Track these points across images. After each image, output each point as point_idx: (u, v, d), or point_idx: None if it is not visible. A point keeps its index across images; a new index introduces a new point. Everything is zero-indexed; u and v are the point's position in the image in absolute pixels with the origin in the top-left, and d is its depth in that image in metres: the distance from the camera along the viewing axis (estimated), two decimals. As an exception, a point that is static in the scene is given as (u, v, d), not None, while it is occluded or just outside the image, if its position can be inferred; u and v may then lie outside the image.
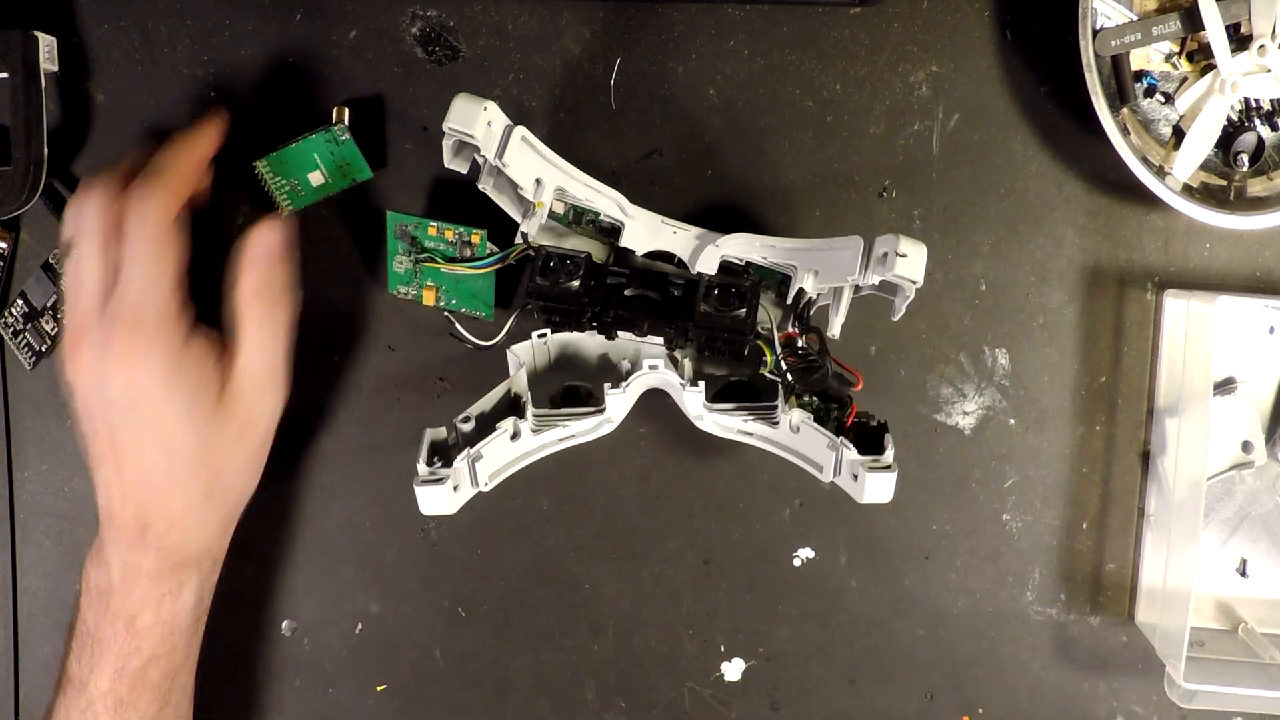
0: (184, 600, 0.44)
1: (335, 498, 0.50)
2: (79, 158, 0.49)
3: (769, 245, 0.44)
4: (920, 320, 0.48)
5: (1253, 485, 0.49)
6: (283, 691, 0.51)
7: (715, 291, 0.42)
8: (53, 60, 0.46)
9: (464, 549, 0.50)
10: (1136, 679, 0.50)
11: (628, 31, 0.47)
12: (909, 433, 0.49)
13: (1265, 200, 0.45)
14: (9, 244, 0.49)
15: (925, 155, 0.48)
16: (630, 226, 0.45)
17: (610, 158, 0.48)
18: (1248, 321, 0.49)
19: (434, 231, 0.46)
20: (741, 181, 0.48)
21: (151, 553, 0.42)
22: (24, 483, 0.51)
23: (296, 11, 0.47)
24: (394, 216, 0.46)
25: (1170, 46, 0.45)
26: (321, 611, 0.50)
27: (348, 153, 0.46)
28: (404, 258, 0.46)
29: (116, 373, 0.40)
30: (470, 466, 0.41)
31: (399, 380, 0.49)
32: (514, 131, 0.42)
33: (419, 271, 0.47)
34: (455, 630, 0.50)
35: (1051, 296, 0.48)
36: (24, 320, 0.49)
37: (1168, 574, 0.47)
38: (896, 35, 0.47)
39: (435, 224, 0.46)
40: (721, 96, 0.48)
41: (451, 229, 0.46)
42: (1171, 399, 0.48)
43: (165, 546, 0.43)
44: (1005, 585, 0.50)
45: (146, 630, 0.43)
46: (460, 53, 0.48)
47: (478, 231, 0.45)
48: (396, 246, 0.46)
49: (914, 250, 0.40)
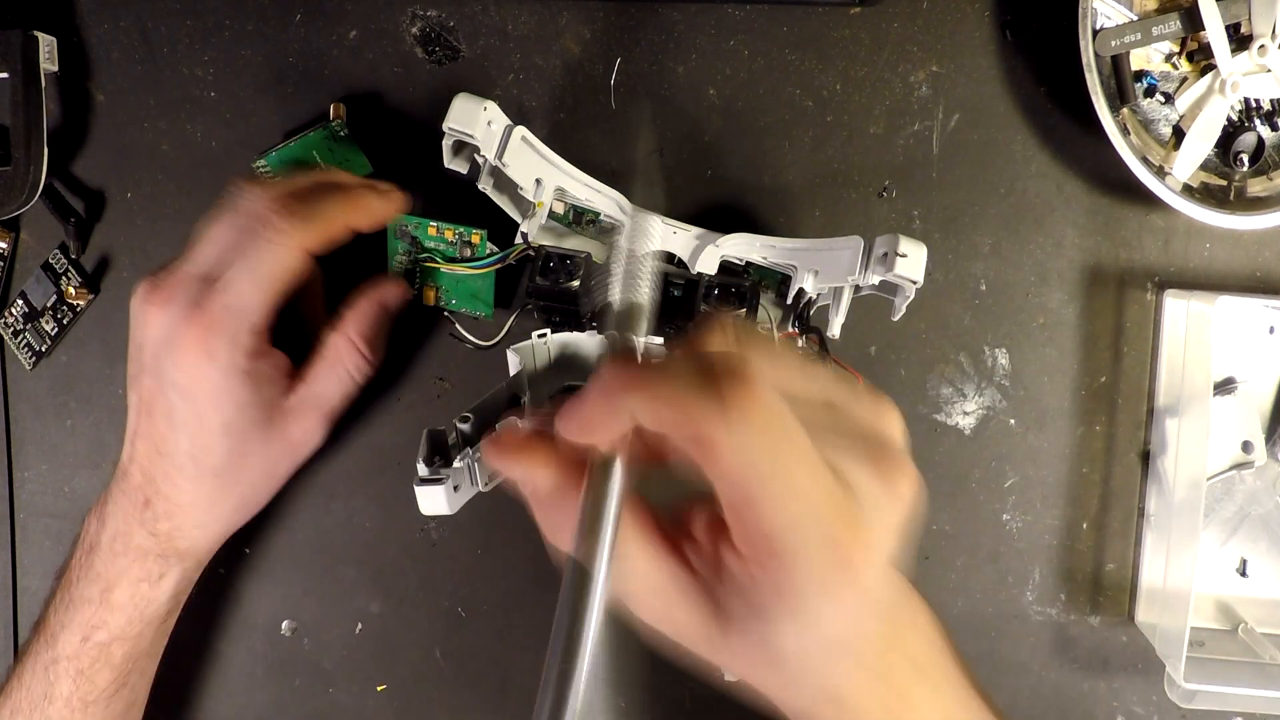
0: (161, 590, 0.44)
1: (335, 498, 0.50)
2: (79, 158, 0.49)
3: (769, 245, 0.44)
4: (920, 320, 0.48)
5: (1253, 485, 0.49)
6: (283, 691, 0.51)
7: (715, 291, 0.42)
8: (53, 60, 0.46)
9: (464, 549, 0.50)
10: (1136, 679, 0.50)
11: (628, 31, 0.47)
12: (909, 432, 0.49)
13: (1265, 200, 0.45)
14: (9, 244, 0.49)
15: (925, 155, 0.48)
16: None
17: (610, 158, 0.48)
18: (1248, 321, 0.49)
19: (434, 231, 0.46)
20: (741, 181, 0.48)
21: (144, 532, 0.42)
22: (24, 483, 0.51)
23: (296, 11, 0.47)
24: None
25: (1170, 46, 0.45)
26: (321, 611, 0.50)
27: (347, 148, 0.46)
28: (404, 257, 0.47)
29: (182, 352, 0.40)
30: (470, 466, 0.41)
31: (399, 380, 0.49)
32: (514, 131, 0.42)
33: (419, 271, 0.47)
34: (455, 630, 0.50)
35: (1051, 296, 0.48)
36: (24, 320, 0.49)
37: (1168, 574, 0.47)
38: (896, 35, 0.47)
39: (435, 224, 0.46)
40: (721, 96, 0.48)
41: (452, 229, 0.46)
42: (1171, 399, 0.48)
43: (158, 532, 0.43)
44: (1005, 585, 0.49)
45: (118, 607, 0.43)
46: (460, 53, 0.48)
47: (478, 231, 0.45)
48: (396, 246, 0.46)
49: (914, 250, 0.40)
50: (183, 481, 0.42)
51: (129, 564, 0.43)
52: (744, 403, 0.24)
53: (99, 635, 0.43)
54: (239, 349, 0.40)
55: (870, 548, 0.26)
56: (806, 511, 0.25)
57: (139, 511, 0.42)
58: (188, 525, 0.43)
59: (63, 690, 0.42)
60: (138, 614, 0.43)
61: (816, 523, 0.25)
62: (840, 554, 0.25)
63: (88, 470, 0.50)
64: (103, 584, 0.43)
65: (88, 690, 0.43)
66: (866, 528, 0.26)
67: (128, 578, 0.43)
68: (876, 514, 0.26)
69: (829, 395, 0.28)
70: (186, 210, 0.49)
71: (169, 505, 0.42)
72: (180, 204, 0.49)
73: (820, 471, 0.25)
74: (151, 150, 0.48)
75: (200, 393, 0.40)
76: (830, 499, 0.25)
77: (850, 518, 0.26)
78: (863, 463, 0.27)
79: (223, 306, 0.39)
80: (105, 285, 0.50)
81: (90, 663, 0.43)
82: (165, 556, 0.43)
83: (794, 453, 0.25)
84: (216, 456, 0.42)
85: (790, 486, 0.25)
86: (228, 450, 0.42)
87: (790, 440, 0.25)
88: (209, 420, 0.41)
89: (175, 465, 0.42)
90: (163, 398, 0.41)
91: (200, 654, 0.50)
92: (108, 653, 0.43)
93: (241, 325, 0.40)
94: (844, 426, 0.27)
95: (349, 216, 0.42)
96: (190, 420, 0.41)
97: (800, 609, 0.26)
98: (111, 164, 0.49)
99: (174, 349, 0.40)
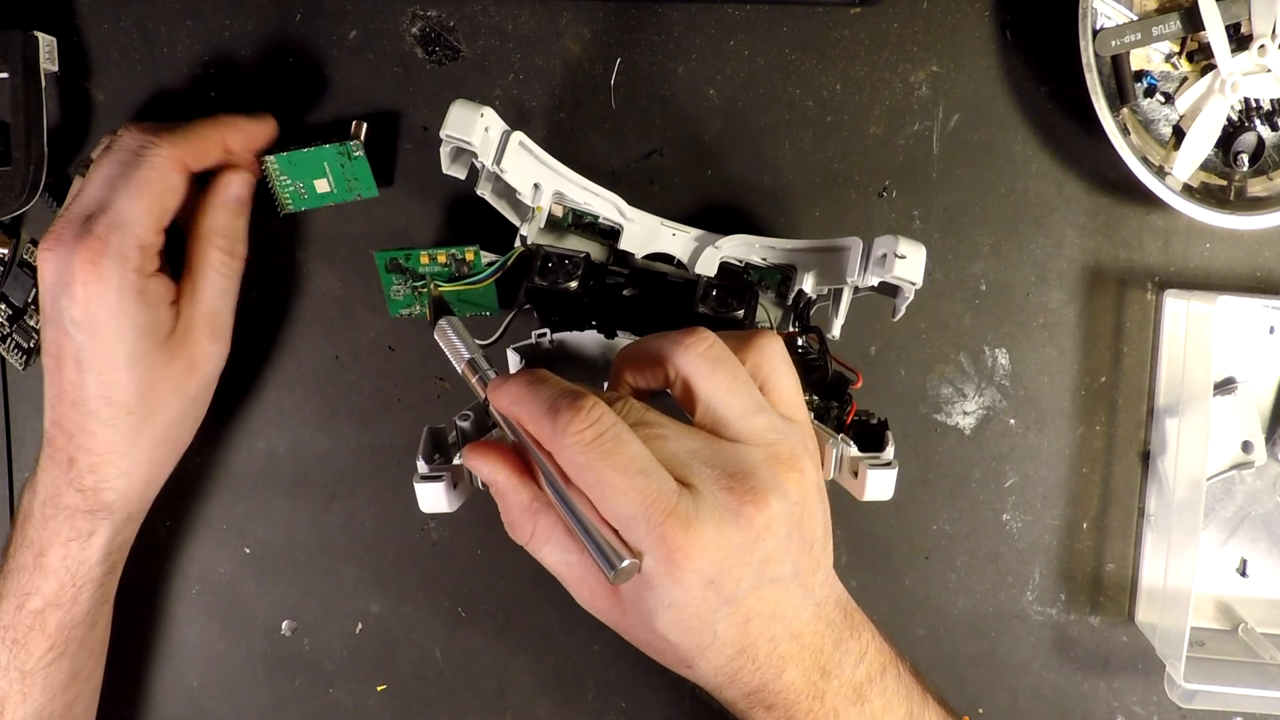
0: (92, 549, 0.44)
1: (335, 498, 0.50)
2: (79, 158, 0.49)
3: (768, 246, 0.44)
4: (920, 320, 0.48)
5: (1253, 485, 0.49)
6: (283, 691, 0.51)
7: (714, 293, 0.42)
8: (53, 60, 0.46)
9: (464, 549, 0.50)
10: (1136, 679, 0.50)
11: (628, 31, 0.47)
12: (909, 433, 0.49)
13: (1265, 200, 0.45)
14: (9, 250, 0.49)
15: (925, 155, 0.48)
16: (629, 229, 0.45)
17: (610, 158, 0.48)
18: (1248, 321, 0.49)
19: (426, 260, 0.46)
20: (741, 181, 0.48)
21: (71, 490, 0.43)
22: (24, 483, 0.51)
23: (296, 11, 0.47)
24: (381, 255, 0.47)
25: (1170, 46, 0.45)
26: (321, 611, 0.50)
27: (358, 169, 0.46)
28: (400, 286, 0.47)
29: (76, 283, 0.40)
30: (470, 465, 0.41)
31: (399, 380, 0.49)
32: (511, 137, 0.42)
33: (418, 293, 0.47)
34: (455, 630, 0.50)
35: (1051, 296, 0.48)
36: (9, 322, 0.49)
37: (1168, 574, 0.47)
38: (896, 35, 0.47)
39: (426, 252, 0.46)
40: (721, 96, 0.48)
41: (444, 253, 0.46)
42: (1171, 399, 0.48)
43: (85, 487, 0.43)
44: (1005, 585, 0.49)
45: (50, 570, 0.43)
46: (460, 53, 0.48)
47: (470, 249, 0.46)
48: (390, 280, 0.47)
49: (913, 251, 0.40)
50: (98, 428, 0.42)
51: (59, 525, 0.43)
52: (569, 423, 0.32)
53: (32, 602, 0.43)
54: (129, 265, 0.41)
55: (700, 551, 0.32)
56: (632, 513, 0.32)
57: (64, 472, 0.43)
58: (111, 474, 0.43)
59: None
60: (69, 577, 0.43)
61: (644, 522, 0.31)
62: (667, 551, 0.32)
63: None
64: (35, 549, 0.43)
65: (24, 659, 0.43)
66: (698, 531, 0.32)
67: (59, 539, 0.43)
68: (718, 528, 0.32)
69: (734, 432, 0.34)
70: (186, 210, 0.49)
71: (91, 458, 0.43)
72: (180, 204, 0.49)
73: (635, 481, 0.31)
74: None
75: (99, 320, 0.41)
76: (656, 504, 0.31)
77: (684, 521, 0.32)
78: (720, 485, 0.33)
79: (107, 226, 0.40)
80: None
81: (25, 631, 0.43)
82: (94, 512, 0.43)
83: (610, 463, 0.32)
84: (126, 391, 0.42)
85: (610, 491, 0.32)
86: (136, 381, 0.42)
87: (606, 456, 0.32)
88: (113, 350, 0.41)
89: (89, 412, 0.42)
90: (68, 341, 0.41)
91: (200, 654, 0.51)
92: (41, 619, 0.43)
93: (127, 240, 0.41)
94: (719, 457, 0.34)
95: (222, 134, 0.44)
96: (95, 356, 0.41)
97: (648, 595, 0.33)
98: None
99: (68, 284, 0.40)
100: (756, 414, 0.35)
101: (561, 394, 0.33)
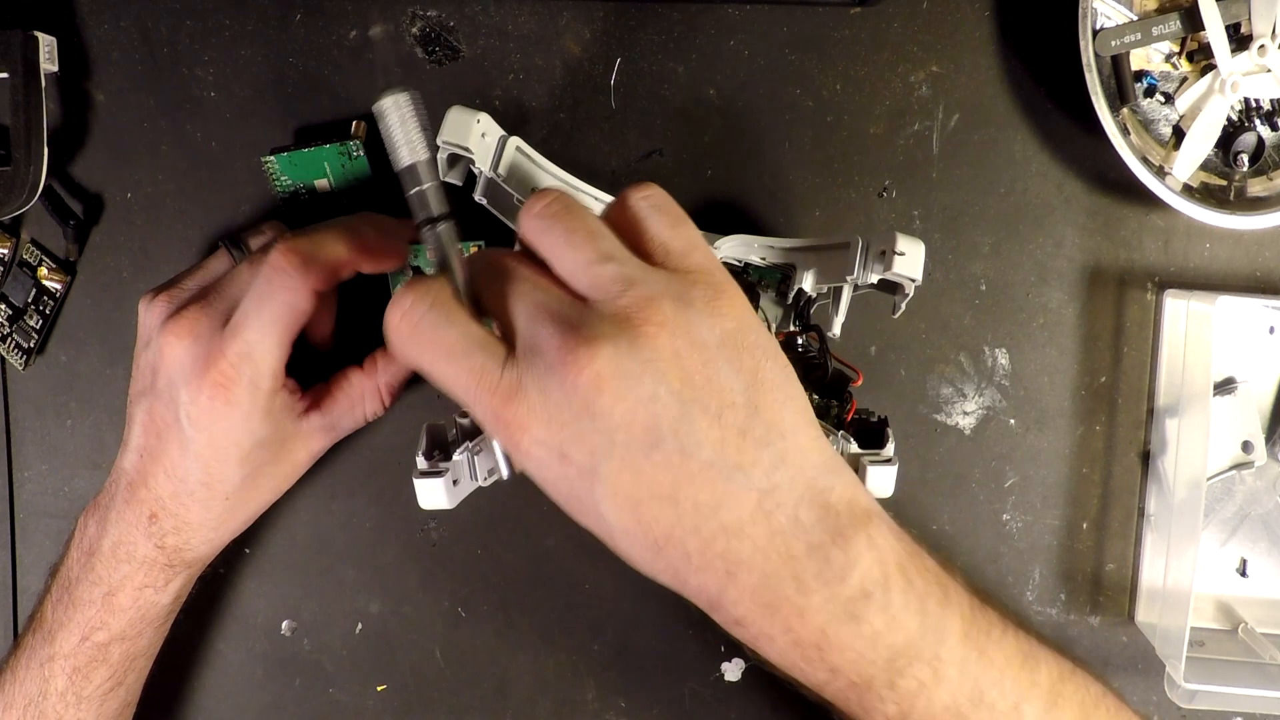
0: (165, 595, 0.44)
1: (335, 498, 0.50)
2: (79, 158, 0.49)
3: (768, 245, 0.44)
4: (920, 320, 0.48)
5: (1253, 485, 0.49)
6: (283, 691, 0.51)
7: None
8: (53, 60, 0.46)
9: (464, 549, 0.50)
10: (1136, 679, 0.50)
11: (628, 31, 0.47)
12: (909, 432, 0.49)
13: (1265, 200, 0.45)
14: (9, 250, 0.49)
15: (925, 155, 0.48)
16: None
17: (610, 158, 0.48)
18: (1248, 321, 0.49)
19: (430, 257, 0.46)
20: (741, 181, 0.48)
21: (151, 545, 0.42)
22: (24, 483, 0.51)
23: (296, 11, 0.47)
24: None
25: (1170, 46, 0.45)
26: (321, 611, 0.50)
27: (359, 168, 0.46)
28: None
29: (201, 394, 0.40)
30: (469, 461, 0.41)
31: (399, 380, 0.49)
32: (508, 142, 0.42)
33: None
34: (455, 630, 0.50)
35: (1051, 296, 0.48)
36: (9, 322, 0.49)
37: (1168, 574, 0.47)
38: (896, 35, 0.47)
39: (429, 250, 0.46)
40: (721, 96, 0.48)
41: None
42: (1171, 399, 0.48)
43: (166, 545, 0.43)
44: (1005, 585, 0.49)
45: (121, 610, 0.43)
46: (460, 53, 0.48)
47: (475, 245, 0.46)
48: (398, 280, 0.47)
49: (912, 248, 0.40)
50: (193, 504, 0.42)
51: (133, 570, 0.43)
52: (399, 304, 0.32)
53: (98, 636, 0.43)
54: (260, 393, 0.41)
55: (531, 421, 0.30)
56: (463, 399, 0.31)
57: (144, 524, 0.42)
58: (196, 540, 0.43)
59: (57, 686, 0.43)
60: (139, 616, 0.43)
61: (475, 405, 0.31)
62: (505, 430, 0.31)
63: (87, 470, 0.50)
64: (105, 588, 0.43)
65: (82, 686, 0.43)
66: (522, 399, 0.30)
67: (131, 584, 0.43)
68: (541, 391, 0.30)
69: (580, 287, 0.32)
70: (186, 210, 0.49)
71: (177, 522, 0.42)
72: (180, 204, 0.49)
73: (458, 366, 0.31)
74: (151, 150, 0.48)
75: (219, 430, 0.41)
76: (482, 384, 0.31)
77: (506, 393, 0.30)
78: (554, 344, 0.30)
79: (240, 355, 0.40)
80: (81, 266, 0.49)
81: (87, 660, 0.43)
82: (173, 566, 0.43)
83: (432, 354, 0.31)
84: (230, 485, 0.42)
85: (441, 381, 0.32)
86: (241, 478, 0.42)
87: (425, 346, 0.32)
88: (226, 454, 0.41)
89: (186, 490, 0.42)
90: (176, 427, 0.41)
91: (200, 654, 0.50)
92: (105, 652, 0.43)
93: (261, 371, 0.40)
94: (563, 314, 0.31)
95: (356, 261, 0.42)
96: (205, 452, 0.41)
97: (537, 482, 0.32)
98: (111, 164, 0.49)
99: (193, 391, 0.40)
100: (602, 264, 0.31)
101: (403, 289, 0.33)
